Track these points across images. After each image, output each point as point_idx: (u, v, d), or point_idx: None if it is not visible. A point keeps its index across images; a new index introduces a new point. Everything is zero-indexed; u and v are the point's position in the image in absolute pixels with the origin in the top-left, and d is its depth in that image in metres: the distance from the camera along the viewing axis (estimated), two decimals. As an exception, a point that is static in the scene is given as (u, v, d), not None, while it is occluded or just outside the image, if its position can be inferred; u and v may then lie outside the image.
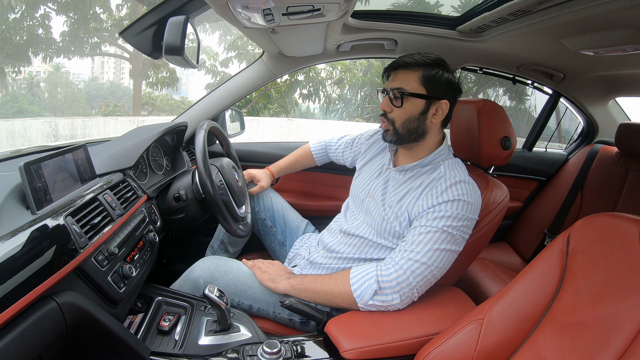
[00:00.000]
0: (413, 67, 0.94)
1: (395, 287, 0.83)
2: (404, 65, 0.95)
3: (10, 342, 0.48)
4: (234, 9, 0.76)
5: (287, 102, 11.43)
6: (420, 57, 0.93)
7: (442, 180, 0.91)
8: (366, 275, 0.87)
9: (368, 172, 1.11)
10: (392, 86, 0.95)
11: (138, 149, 1.01)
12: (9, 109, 14.21)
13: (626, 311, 0.55)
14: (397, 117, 0.96)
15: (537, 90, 1.72)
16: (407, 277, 0.83)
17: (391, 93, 0.95)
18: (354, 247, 1.01)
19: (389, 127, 0.98)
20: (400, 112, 0.95)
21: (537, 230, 1.72)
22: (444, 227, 0.85)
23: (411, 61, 0.94)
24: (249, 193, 1.31)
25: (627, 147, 1.55)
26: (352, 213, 1.10)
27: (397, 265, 0.85)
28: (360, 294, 0.86)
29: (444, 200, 0.87)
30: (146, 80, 12.53)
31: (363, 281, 0.86)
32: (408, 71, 0.94)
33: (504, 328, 0.68)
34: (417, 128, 0.96)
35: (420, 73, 0.93)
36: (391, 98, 0.95)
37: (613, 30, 0.91)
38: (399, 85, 0.94)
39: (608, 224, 0.65)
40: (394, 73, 0.97)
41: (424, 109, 0.94)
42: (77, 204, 0.69)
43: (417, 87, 0.93)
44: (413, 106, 0.94)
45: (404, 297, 0.84)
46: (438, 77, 0.93)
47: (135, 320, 0.88)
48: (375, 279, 0.85)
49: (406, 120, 0.95)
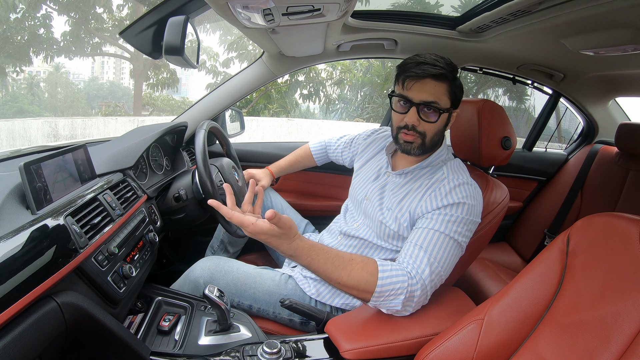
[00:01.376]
0: (443, 79, 0.87)
1: (413, 305, 0.81)
2: (435, 77, 0.86)
3: (10, 342, 0.48)
4: (234, 9, 0.76)
5: (287, 103, 11.44)
6: (449, 68, 0.87)
7: (445, 182, 0.91)
8: (396, 290, 0.78)
9: (366, 174, 1.10)
10: (425, 99, 0.87)
11: (138, 149, 1.01)
12: (9, 109, 14.21)
13: (626, 311, 0.55)
14: (429, 131, 0.90)
15: (537, 90, 1.72)
16: (427, 293, 0.81)
17: (427, 108, 0.88)
18: (354, 249, 1.01)
19: (417, 139, 0.91)
20: (432, 126, 0.90)
21: (537, 230, 1.72)
22: (452, 234, 0.84)
23: (441, 73, 0.86)
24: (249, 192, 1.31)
25: (627, 147, 1.55)
26: (352, 215, 1.10)
27: (424, 285, 0.80)
28: (381, 302, 0.80)
29: (449, 203, 0.86)
30: (147, 80, 12.55)
31: (390, 292, 0.79)
32: (439, 83, 0.87)
33: (504, 328, 0.68)
34: (440, 140, 0.95)
35: (448, 84, 0.88)
36: (425, 112, 0.89)
37: (613, 30, 0.91)
38: (434, 100, 0.87)
39: (608, 224, 0.65)
40: (421, 83, 0.87)
41: (448, 120, 0.93)
42: (77, 204, 0.70)
43: (447, 100, 0.89)
44: (442, 120, 0.91)
45: (416, 307, 0.83)
46: (459, 87, 0.92)
47: (135, 320, 0.88)
48: (404, 297, 0.78)
49: (435, 134, 0.92)
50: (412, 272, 0.81)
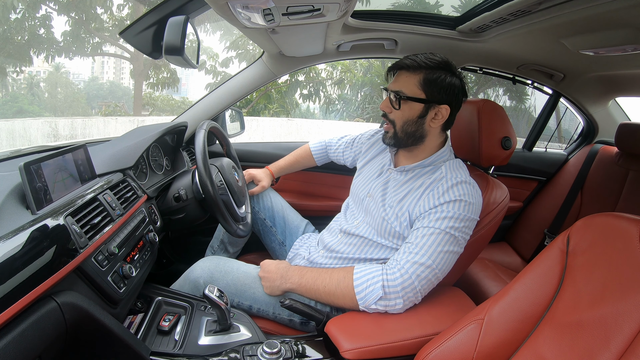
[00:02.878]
0: (415, 70, 0.92)
1: (400, 292, 0.83)
2: (405, 67, 0.93)
3: (10, 342, 0.48)
4: (234, 9, 0.76)
5: (287, 103, 11.43)
6: (424, 59, 0.91)
7: (443, 181, 0.91)
8: (371, 279, 0.85)
9: (368, 172, 1.11)
10: (393, 88, 0.95)
11: (138, 149, 1.01)
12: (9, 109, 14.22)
13: (626, 311, 0.55)
14: (396, 119, 0.96)
15: (537, 90, 1.72)
16: (413, 281, 0.82)
17: (392, 95, 0.94)
18: (354, 247, 1.01)
19: (390, 128, 0.97)
20: (399, 114, 0.95)
21: (537, 230, 1.72)
22: (446, 229, 0.85)
23: (412, 63, 0.92)
24: (250, 193, 1.31)
25: (627, 147, 1.55)
26: (352, 212, 1.10)
27: (403, 270, 0.83)
28: (364, 298, 0.85)
29: (445, 201, 0.87)
30: (147, 81, 12.55)
31: (368, 284, 0.85)
32: (409, 73, 0.93)
33: (504, 328, 0.68)
34: (415, 132, 0.95)
35: (422, 76, 0.92)
36: (391, 100, 0.95)
37: (613, 30, 0.91)
38: (398, 88, 0.94)
39: (608, 224, 0.65)
40: (397, 74, 0.96)
41: (422, 113, 0.93)
42: (77, 204, 0.69)
43: (416, 91, 0.92)
44: (411, 110, 0.93)
45: (407, 302, 0.84)
46: (439, 81, 0.91)
47: (135, 320, 0.88)
48: (381, 284, 0.83)
49: (404, 123, 0.95)
50: (389, 263, 0.86)
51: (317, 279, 0.93)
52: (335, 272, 0.92)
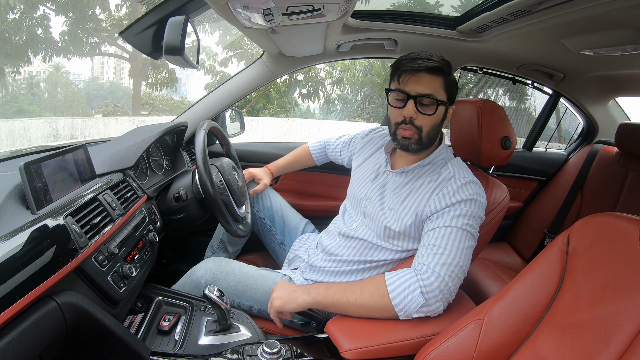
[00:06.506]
0: (438, 73, 0.89)
1: (438, 296, 0.81)
2: (430, 70, 0.88)
3: (10, 342, 0.48)
4: (234, 9, 0.76)
5: (286, 102, 11.43)
6: (443, 63, 0.90)
7: (452, 180, 0.91)
8: (408, 288, 0.81)
9: (364, 173, 1.10)
10: (421, 91, 0.88)
11: (138, 149, 1.01)
12: (9, 109, 14.22)
13: (626, 311, 0.55)
14: (425, 125, 0.91)
15: (537, 90, 1.72)
16: (447, 282, 0.81)
17: (425, 100, 0.89)
18: (353, 250, 1.01)
19: (414, 134, 0.92)
20: (429, 119, 0.91)
21: (537, 230, 1.72)
22: (463, 226, 0.85)
23: (436, 66, 0.88)
24: (252, 192, 1.31)
25: (627, 147, 1.55)
26: (350, 215, 1.10)
27: (436, 273, 0.81)
28: (404, 308, 0.80)
29: (457, 200, 0.87)
30: (146, 80, 12.55)
31: (406, 294, 0.80)
32: (434, 76, 0.89)
33: (504, 328, 0.68)
34: (436, 135, 0.95)
35: (444, 78, 0.90)
36: (422, 104, 0.90)
37: (613, 30, 0.91)
38: (430, 92, 0.88)
39: (608, 224, 0.65)
40: (417, 76, 0.89)
41: (444, 115, 0.94)
42: (77, 204, 0.69)
43: (443, 94, 0.91)
44: (439, 114, 0.92)
45: (445, 303, 0.83)
46: (454, 82, 0.93)
47: (135, 320, 0.88)
48: (420, 290, 0.80)
49: (431, 128, 0.92)
50: (419, 267, 0.83)
51: (346, 290, 0.86)
52: (366, 283, 0.86)
